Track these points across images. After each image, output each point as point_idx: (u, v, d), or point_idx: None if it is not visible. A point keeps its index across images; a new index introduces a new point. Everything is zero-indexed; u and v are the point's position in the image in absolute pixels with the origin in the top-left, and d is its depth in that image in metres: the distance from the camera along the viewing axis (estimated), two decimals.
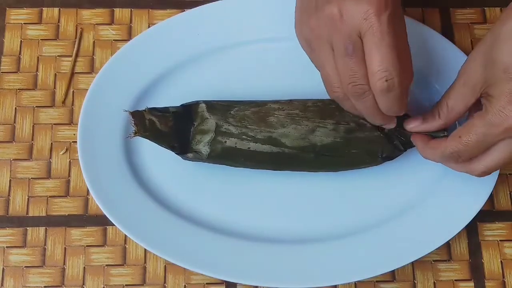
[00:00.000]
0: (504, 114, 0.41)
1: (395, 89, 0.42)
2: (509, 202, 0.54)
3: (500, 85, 0.41)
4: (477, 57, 0.43)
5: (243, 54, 0.55)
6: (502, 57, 0.41)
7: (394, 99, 0.43)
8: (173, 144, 0.49)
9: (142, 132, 0.47)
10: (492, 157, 0.44)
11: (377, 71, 0.41)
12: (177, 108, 0.50)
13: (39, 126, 0.55)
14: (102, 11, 0.58)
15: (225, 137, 0.49)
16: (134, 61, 0.53)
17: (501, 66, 0.41)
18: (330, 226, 0.51)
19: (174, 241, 0.49)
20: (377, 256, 0.49)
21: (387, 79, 0.41)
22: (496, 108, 0.41)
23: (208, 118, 0.49)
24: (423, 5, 0.60)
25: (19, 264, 0.51)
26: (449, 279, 0.52)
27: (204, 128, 0.49)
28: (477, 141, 0.43)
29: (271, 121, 0.49)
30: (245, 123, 0.48)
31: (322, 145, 0.49)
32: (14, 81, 0.56)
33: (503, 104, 0.41)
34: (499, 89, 0.41)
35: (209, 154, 0.49)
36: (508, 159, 0.44)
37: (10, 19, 0.58)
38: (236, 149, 0.49)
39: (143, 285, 0.51)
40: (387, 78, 0.41)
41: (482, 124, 0.42)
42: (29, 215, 0.52)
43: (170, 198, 0.51)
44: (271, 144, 0.49)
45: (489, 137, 0.42)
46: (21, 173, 0.53)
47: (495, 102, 0.41)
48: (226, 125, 0.48)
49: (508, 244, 0.53)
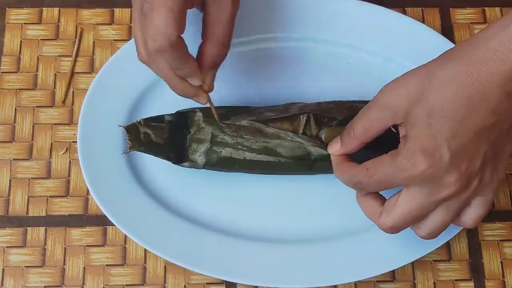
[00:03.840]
0: (413, 161, 0.38)
1: (167, 51, 0.41)
2: (509, 202, 0.54)
3: (418, 127, 0.39)
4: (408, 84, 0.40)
5: (243, 55, 0.55)
6: (429, 99, 0.38)
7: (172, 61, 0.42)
8: (169, 155, 0.49)
9: (137, 146, 0.47)
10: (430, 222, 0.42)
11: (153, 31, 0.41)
12: (172, 116, 0.50)
13: (39, 126, 0.55)
14: (102, 11, 0.58)
15: (221, 147, 0.48)
16: (134, 61, 0.53)
17: (426, 109, 0.38)
18: (330, 226, 0.51)
19: (174, 241, 0.49)
20: (377, 256, 0.49)
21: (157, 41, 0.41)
22: (407, 152, 0.39)
23: (204, 128, 0.49)
24: (423, 5, 0.60)
25: (19, 264, 0.51)
26: (449, 279, 0.52)
27: (200, 137, 0.49)
28: (381, 180, 0.40)
29: (267, 131, 0.49)
30: (241, 133, 0.48)
31: (318, 154, 0.49)
32: (14, 81, 0.56)
33: (414, 150, 0.38)
34: (417, 132, 0.39)
35: (205, 164, 0.49)
36: (447, 223, 0.42)
37: (10, 19, 0.58)
38: (232, 158, 0.49)
39: (143, 285, 0.51)
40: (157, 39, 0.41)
41: (390, 164, 0.40)
42: (29, 215, 0.52)
43: (170, 198, 0.51)
44: (267, 154, 0.49)
45: (394, 179, 0.40)
46: (21, 173, 0.53)
47: (409, 145, 0.39)
48: (221, 135, 0.48)
49: (508, 244, 0.53)
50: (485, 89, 0.38)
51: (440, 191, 0.39)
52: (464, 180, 0.39)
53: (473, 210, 0.42)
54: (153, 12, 0.41)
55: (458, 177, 0.39)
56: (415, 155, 0.38)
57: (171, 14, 0.40)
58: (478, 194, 0.41)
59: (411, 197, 0.40)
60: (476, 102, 0.38)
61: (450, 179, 0.39)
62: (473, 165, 0.39)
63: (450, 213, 0.41)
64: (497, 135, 0.39)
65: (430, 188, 0.39)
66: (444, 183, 0.39)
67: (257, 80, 0.55)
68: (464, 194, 0.40)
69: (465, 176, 0.39)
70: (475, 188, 0.40)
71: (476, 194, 0.41)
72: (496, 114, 0.38)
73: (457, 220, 0.43)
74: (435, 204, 0.40)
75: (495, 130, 0.39)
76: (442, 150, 0.38)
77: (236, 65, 0.55)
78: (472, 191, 0.40)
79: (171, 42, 0.41)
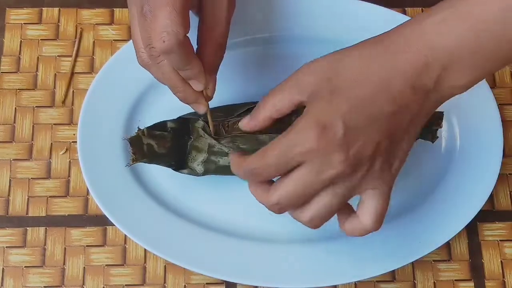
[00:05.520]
0: (306, 134, 0.37)
1: (174, 51, 0.40)
2: (509, 202, 0.54)
3: (319, 103, 0.38)
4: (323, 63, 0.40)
5: (243, 55, 0.55)
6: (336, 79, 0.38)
7: (179, 62, 0.41)
8: (171, 163, 0.49)
9: (141, 158, 0.47)
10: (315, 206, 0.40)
11: (158, 31, 0.40)
12: (175, 123, 0.49)
13: (39, 126, 0.55)
14: (102, 11, 0.58)
15: (218, 156, 0.48)
16: (134, 61, 0.53)
17: (330, 87, 0.38)
18: (330, 226, 0.51)
19: (174, 241, 0.49)
20: (377, 256, 0.49)
21: (164, 40, 0.39)
22: (302, 125, 0.38)
23: (202, 137, 0.48)
24: (423, 5, 0.60)
25: (19, 264, 0.51)
26: (449, 279, 0.52)
27: (198, 146, 0.49)
28: (276, 160, 0.39)
29: (263, 138, 0.48)
30: (237, 143, 0.48)
31: None
32: (14, 81, 0.56)
33: (309, 123, 0.38)
34: (315, 107, 0.38)
35: (203, 173, 0.49)
36: (331, 209, 0.40)
37: (10, 19, 0.58)
38: (229, 166, 0.48)
39: (143, 285, 0.51)
40: (164, 39, 0.39)
41: (283, 142, 0.39)
42: (29, 215, 0.52)
43: (170, 198, 0.51)
44: None
45: (288, 156, 0.38)
46: (21, 173, 0.53)
47: (304, 119, 0.38)
48: (218, 145, 0.48)
49: (508, 244, 0.53)
50: (391, 77, 0.38)
51: (326, 169, 0.38)
52: (351, 162, 0.38)
53: (367, 205, 0.40)
54: (155, 12, 0.40)
55: (346, 157, 0.37)
56: (310, 128, 0.38)
57: (175, 12, 0.40)
58: (368, 185, 0.40)
59: (299, 174, 0.39)
60: (380, 88, 0.38)
61: (338, 158, 0.37)
62: (364, 150, 0.38)
63: (335, 199, 0.39)
64: (395, 128, 0.39)
65: (318, 164, 0.38)
66: (331, 161, 0.38)
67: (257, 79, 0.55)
68: (351, 179, 0.39)
69: (354, 159, 0.38)
70: (363, 176, 0.39)
71: (366, 185, 0.39)
72: (397, 104, 0.38)
73: (355, 219, 0.41)
74: (321, 184, 0.39)
75: (393, 122, 0.38)
76: (336, 127, 0.37)
77: (236, 66, 0.55)
78: (359, 178, 0.39)
79: (179, 40, 0.40)
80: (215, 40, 0.45)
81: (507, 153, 0.55)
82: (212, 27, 0.44)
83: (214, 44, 0.45)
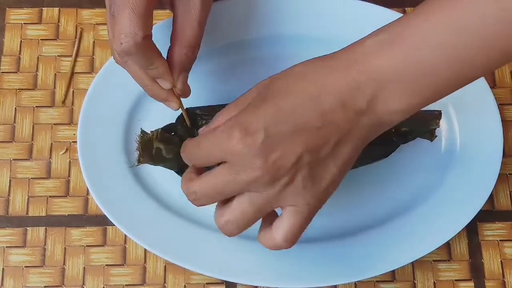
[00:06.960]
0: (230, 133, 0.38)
1: (132, 52, 0.41)
2: (509, 202, 0.54)
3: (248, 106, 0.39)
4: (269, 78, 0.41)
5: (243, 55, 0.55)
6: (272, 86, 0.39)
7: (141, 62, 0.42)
8: (174, 168, 0.49)
9: (147, 161, 0.47)
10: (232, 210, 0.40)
11: (117, 33, 0.41)
12: (187, 128, 0.49)
13: (39, 126, 0.55)
14: (102, 11, 0.58)
15: None
16: None
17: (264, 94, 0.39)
18: (330, 226, 0.51)
19: (174, 241, 0.49)
20: (377, 256, 0.49)
21: (122, 42, 0.40)
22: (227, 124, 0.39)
23: None
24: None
25: (19, 264, 0.51)
26: (449, 279, 0.52)
27: None
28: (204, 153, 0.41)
29: None
30: None
31: None
32: (14, 81, 0.56)
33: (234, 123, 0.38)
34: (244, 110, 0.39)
35: None
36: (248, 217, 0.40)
37: (10, 19, 0.58)
38: None
39: (143, 285, 0.51)
40: (122, 41, 0.40)
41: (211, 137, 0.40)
42: (29, 215, 0.52)
43: (170, 198, 0.51)
44: None
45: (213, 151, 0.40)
46: (21, 173, 0.53)
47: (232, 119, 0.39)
48: None
49: (508, 244, 0.53)
50: (322, 91, 0.38)
51: (243, 171, 0.38)
52: (270, 170, 0.37)
53: (282, 221, 0.40)
54: (117, 14, 0.41)
55: (264, 163, 0.37)
56: (233, 128, 0.38)
57: (134, 14, 0.40)
58: (287, 200, 0.39)
59: (219, 170, 0.39)
60: (309, 101, 0.38)
61: (256, 162, 0.37)
62: (284, 160, 0.37)
63: (251, 207, 0.39)
64: (320, 143, 0.38)
65: (237, 165, 0.38)
66: (250, 164, 0.37)
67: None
68: (269, 189, 0.38)
69: (273, 166, 0.37)
70: (283, 188, 0.38)
71: (285, 199, 0.39)
72: (325, 120, 0.37)
73: (269, 232, 0.41)
74: (237, 184, 0.39)
75: (319, 137, 0.38)
76: (258, 131, 0.37)
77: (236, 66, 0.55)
78: (278, 191, 0.38)
79: (137, 42, 0.40)
80: (185, 40, 0.45)
81: (507, 153, 0.55)
82: (183, 27, 0.45)
83: (183, 44, 0.45)
